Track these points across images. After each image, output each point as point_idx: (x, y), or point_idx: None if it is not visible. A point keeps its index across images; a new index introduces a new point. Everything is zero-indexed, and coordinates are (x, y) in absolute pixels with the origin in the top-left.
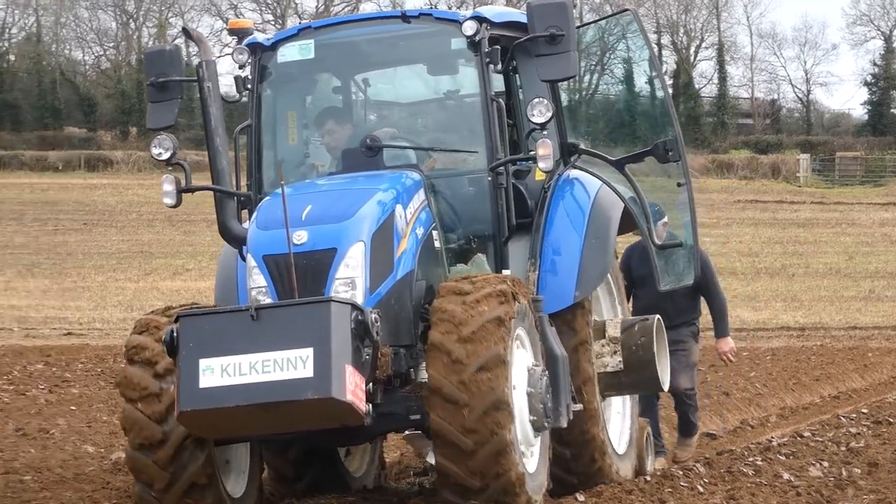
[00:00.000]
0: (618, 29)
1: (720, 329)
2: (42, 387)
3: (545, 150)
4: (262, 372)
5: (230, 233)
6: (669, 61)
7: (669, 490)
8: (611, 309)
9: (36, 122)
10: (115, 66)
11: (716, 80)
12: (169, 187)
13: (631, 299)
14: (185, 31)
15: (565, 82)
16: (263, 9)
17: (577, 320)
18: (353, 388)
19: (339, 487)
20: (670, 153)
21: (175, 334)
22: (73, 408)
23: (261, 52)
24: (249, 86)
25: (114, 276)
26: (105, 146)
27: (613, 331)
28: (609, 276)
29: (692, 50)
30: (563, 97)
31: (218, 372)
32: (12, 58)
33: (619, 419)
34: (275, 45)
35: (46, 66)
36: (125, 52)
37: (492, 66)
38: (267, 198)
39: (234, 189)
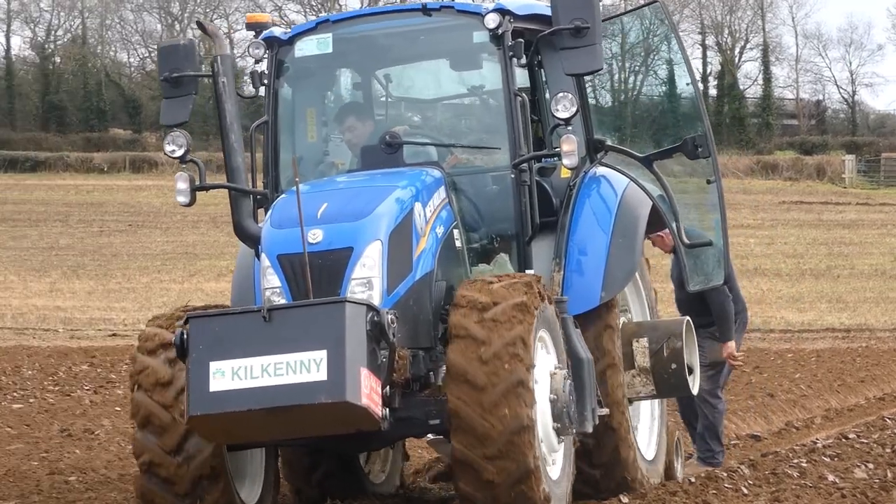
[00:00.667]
0: (660, 29)
1: (722, 332)
2: (87, 388)
3: (569, 146)
4: (275, 375)
5: (245, 232)
6: (714, 62)
7: (714, 492)
8: (640, 310)
9: (81, 123)
10: None
11: (760, 81)
12: (182, 185)
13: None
14: (200, 25)
15: (592, 77)
16: (308, 10)
17: (604, 321)
18: (368, 391)
19: (353, 479)
20: (699, 149)
21: (185, 336)
22: (117, 409)
23: (277, 47)
24: (266, 81)
25: (158, 278)
26: (150, 148)
27: (642, 360)
28: (637, 275)
29: (737, 51)
30: (607, 97)
31: (229, 375)
32: (58, 59)
33: (647, 423)
34: (292, 40)
35: (92, 67)
36: None
37: (515, 59)
38: (282, 196)
39: (250, 187)
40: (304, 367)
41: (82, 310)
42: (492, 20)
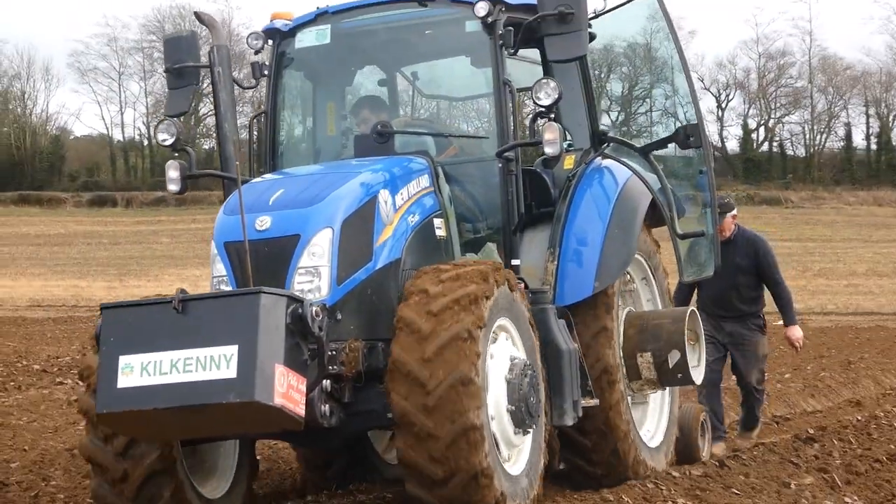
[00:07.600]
0: (657, 23)
1: (788, 317)
2: None
3: (551, 135)
4: (184, 371)
5: None
6: (874, 125)
7: None
8: (650, 300)
9: None
10: None
11: None
12: (174, 174)
13: (696, 291)
14: (198, 16)
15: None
16: None
17: (599, 311)
18: (284, 390)
19: (370, 467)
20: (691, 138)
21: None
22: None
23: (280, 38)
24: (266, 72)
25: None
26: None
27: (648, 373)
28: (646, 264)
29: (891, 117)
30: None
31: (137, 370)
32: None
33: (655, 410)
34: (293, 31)
35: None
36: None
37: (505, 49)
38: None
39: (245, 176)
40: (214, 364)
41: None
42: (481, 9)
